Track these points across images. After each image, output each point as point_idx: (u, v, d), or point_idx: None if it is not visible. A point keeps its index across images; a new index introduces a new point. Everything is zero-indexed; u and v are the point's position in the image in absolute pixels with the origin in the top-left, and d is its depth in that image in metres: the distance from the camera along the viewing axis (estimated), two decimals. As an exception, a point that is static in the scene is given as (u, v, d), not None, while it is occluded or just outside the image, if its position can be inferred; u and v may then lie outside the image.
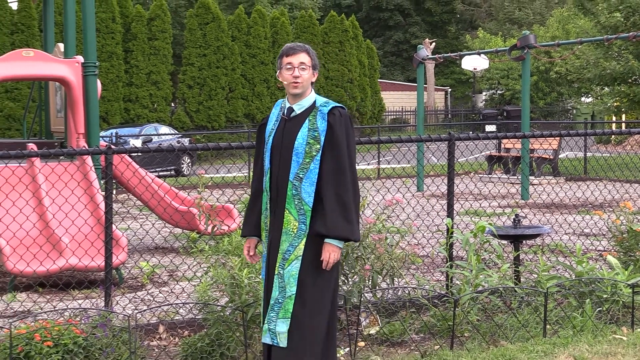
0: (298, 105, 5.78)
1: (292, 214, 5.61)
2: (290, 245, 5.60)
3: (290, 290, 5.57)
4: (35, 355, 6.74)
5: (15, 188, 10.94)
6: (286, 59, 5.77)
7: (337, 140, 5.64)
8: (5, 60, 12.28)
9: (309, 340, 5.58)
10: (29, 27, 33.10)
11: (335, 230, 5.52)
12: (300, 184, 5.60)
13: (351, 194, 5.61)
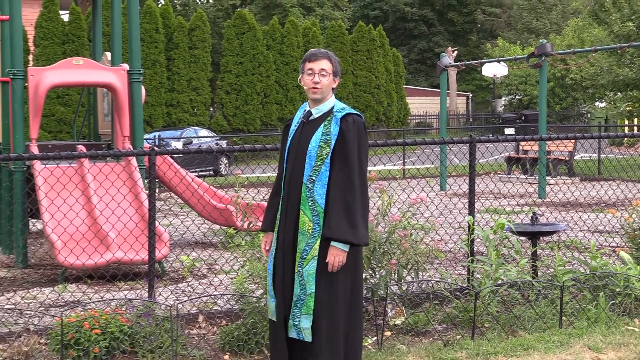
0: (316, 110, 5.75)
1: (306, 215, 5.58)
2: (307, 245, 5.57)
3: (310, 288, 5.55)
4: (84, 342, 6.78)
5: (66, 187, 11.01)
6: (308, 64, 5.74)
7: (347, 146, 5.59)
8: (57, 68, 12.35)
9: (330, 335, 5.55)
10: (79, 37, 33.27)
11: (339, 234, 5.47)
12: (313, 186, 5.57)
13: (358, 199, 5.56)
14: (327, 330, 5.56)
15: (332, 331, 5.57)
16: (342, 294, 5.60)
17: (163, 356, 6.90)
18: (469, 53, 66.80)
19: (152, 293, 8.20)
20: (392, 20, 67.89)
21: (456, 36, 69.62)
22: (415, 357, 6.84)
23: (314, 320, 5.55)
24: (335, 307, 5.58)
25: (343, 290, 5.61)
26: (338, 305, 5.59)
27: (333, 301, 5.57)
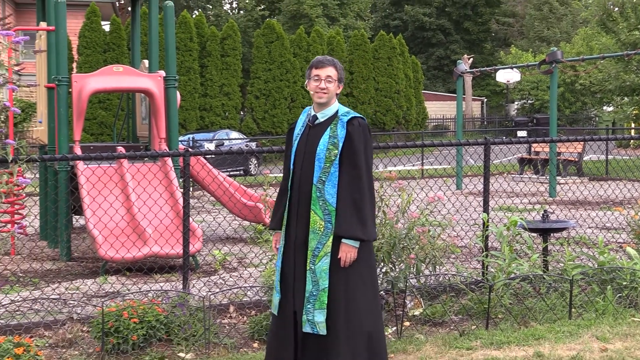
0: (322, 114, 5.70)
1: (317, 214, 5.53)
2: (319, 242, 5.52)
3: (323, 283, 5.49)
4: (123, 330, 6.81)
5: (106, 185, 11.07)
6: (315, 70, 5.69)
7: (354, 148, 5.55)
8: (99, 75, 12.41)
9: (349, 332, 5.49)
10: (119, 46, 33.44)
11: (349, 232, 5.44)
12: (323, 187, 5.52)
13: (367, 198, 5.53)
14: (346, 327, 5.49)
15: (351, 329, 5.50)
16: (360, 289, 5.55)
17: (196, 344, 6.92)
18: (484, 60, 66.61)
19: (186, 285, 8.22)
20: (411, 30, 67.77)
21: (472, 44, 69.42)
22: (432, 346, 6.83)
23: (329, 316, 5.48)
24: (352, 300, 5.52)
25: (359, 285, 5.55)
26: (355, 298, 5.53)
27: (349, 294, 5.52)
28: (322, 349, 5.53)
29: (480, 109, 62.43)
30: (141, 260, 10.47)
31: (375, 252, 7.83)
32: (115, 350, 6.82)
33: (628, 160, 25.25)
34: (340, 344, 5.47)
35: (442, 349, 6.75)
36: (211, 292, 8.40)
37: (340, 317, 5.48)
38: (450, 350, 6.73)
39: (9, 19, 34.00)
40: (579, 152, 24.07)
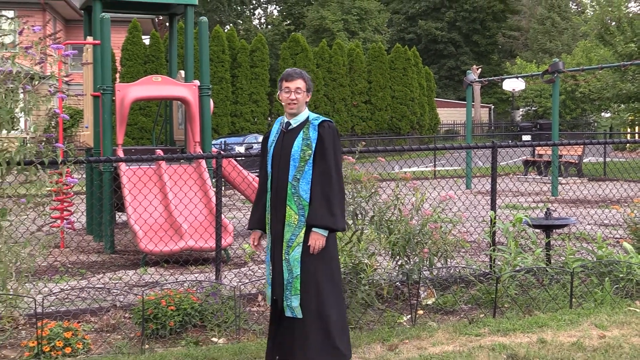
0: (294, 120, 5.72)
1: (292, 209, 5.54)
2: (293, 234, 5.54)
3: (296, 271, 5.52)
4: (161, 316, 6.84)
5: (146, 185, 11.10)
6: (285, 83, 5.72)
7: (325, 148, 5.57)
8: (140, 84, 12.47)
9: (314, 312, 5.51)
10: (158, 58, 33.57)
11: (319, 221, 5.46)
12: (298, 184, 5.53)
13: (336, 191, 5.54)
14: (317, 306, 5.53)
15: (322, 307, 5.54)
16: (327, 273, 5.58)
17: (228, 330, 6.93)
18: (491, 70, 66.37)
19: (218, 276, 8.24)
20: (424, 42, 67.60)
21: (480, 56, 69.18)
22: (444, 333, 6.81)
23: (302, 298, 5.52)
24: (322, 284, 5.55)
25: (327, 270, 5.59)
26: (325, 283, 5.56)
27: (318, 279, 5.54)
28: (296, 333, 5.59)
29: (488, 115, 62.18)
30: (177, 253, 10.51)
31: (392, 246, 7.83)
32: (154, 335, 6.85)
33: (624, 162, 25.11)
34: (314, 328, 5.52)
35: (452, 335, 6.73)
36: (241, 283, 8.42)
37: (313, 302, 5.52)
38: (460, 336, 6.71)
39: (60, 34, 34.20)
40: (579, 155, 23.96)
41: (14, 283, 6.66)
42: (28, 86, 6.50)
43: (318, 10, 57.31)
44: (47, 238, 7.40)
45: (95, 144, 12.67)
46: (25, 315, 7.07)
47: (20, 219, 6.98)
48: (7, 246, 6.58)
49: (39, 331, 6.35)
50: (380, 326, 7.11)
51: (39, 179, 6.76)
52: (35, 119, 7.12)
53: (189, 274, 9.99)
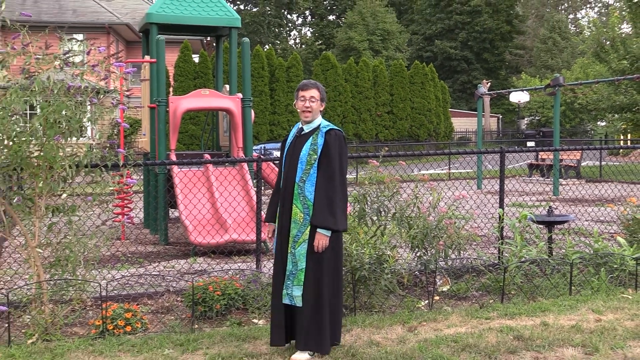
0: (307, 126, 5.68)
1: (298, 208, 5.51)
2: (299, 231, 5.51)
3: (301, 264, 5.50)
4: (209, 300, 6.87)
5: (195, 185, 11.16)
6: (301, 92, 5.67)
7: (330, 153, 5.50)
8: (190, 97, 12.53)
9: (314, 302, 5.50)
10: (206, 73, 33.72)
11: (322, 222, 5.41)
12: (304, 185, 5.49)
13: (339, 195, 5.46)
14: (314, 297, 5.49)
15: (317, 298, 5.50)
16: (327, 270, 5.53)
17: (267, 312, 6.94)
18: (499, 84, 65.96)
19: (259, 265, 8.26)
20: (440, 60, 67.31)
21: (489, 71, 68.77)
22: (457, 316, 6.77)
23: (305, 289, 5.50)
24: (321, 279, 5.51)
25: (327, 267, 5.53)
26: (323, 278, 5.52)
27: (319, 275, 5.51)
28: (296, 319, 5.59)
29: (496, 124, 61.76)
30: (223, 245, 10.55)
31: (411, 240, 7.81)
32: (202, 316, 6.88)
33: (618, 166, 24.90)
34: (309, 317, 5.50)
35: (465, 319, 6.70)
36: (279, 271, 8.42)
37: (311, 294, 5.49)
38: (472, 319, 6.68)
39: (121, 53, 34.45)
40: (577, 159, 23.76)
41: (82, 270, 6.72)
42: (94, 99, 6.56)
43: (346, 31, 57.30)
44: (110, 231, 7.46)
45: (152, 149, 12.76)
46: (92, 298, 7.14)
47: (87, 215, 7.04)
48: (76, 238, 6.65)
49: (103, 312, 6.40)
50: (401, 310, 7.09)
51: (103, 180, 6.82)
52: (100, 127, 7.18)
53: (232, 263, 10.03)
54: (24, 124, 6.28)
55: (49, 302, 6.49)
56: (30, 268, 6.61)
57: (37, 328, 6.28)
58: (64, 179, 6.40)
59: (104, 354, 5.76)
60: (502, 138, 54.95)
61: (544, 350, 5.78)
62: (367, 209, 7.86)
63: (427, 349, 5.77)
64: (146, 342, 6.01)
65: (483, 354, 5.68)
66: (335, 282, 5.63)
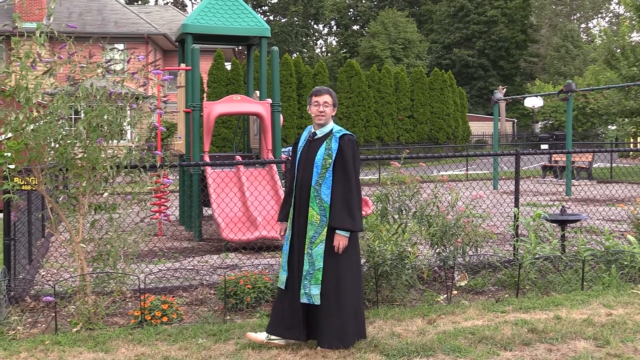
0: (320, 131, 5.60)
1: (315, 210, 5.43)
2: (315, 232, 5.43)
3: (319, 264, 5.41)
4: (240, 293, 6.88)
5: (227, 185, 11.19)
6: (314, 98, 5.59)
7: (345, 158, 5.43)
8: (223, 102, 12.57)
9: (335, 300, 5.42)
10: (237, 80, 33.83)
11: (341, 224, 5.34)
12: (320, 188, 5.41)
13: (355, 197, 5.40)
14: (336, 296, 5.41)
15: (340, 302, 5.43)
16: (346, 268, 5.47)
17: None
18: (515, 90, 65.51)
19: (287, 260, 8.25)
20: (458, 67, 66.98)
21: (505, 78, 68.30)
22: (474, 310, 6.73)
23: (324, 289, 5.41)
24: (342, 278, 5.43)
25: (347, 267, 5.47)
26: (344, 277, 5.44)
27: (339, 273, 5.43)
28: (318, 317, 5.48)
29: (512, 128, 61.33)
30: (253, 241, 10.57)
31: (431, 237, 7.78)
32: (234, 308, 6.89)
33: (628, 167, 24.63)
34: (331, 314, 5.42)
35: (482, 312, 6.65)
36: (306, 266, 8.42)
37: (332, 292, 5.42)
38: (488, 313, 6.63)
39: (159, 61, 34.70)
40: (589, 161, 23.54)
41: (122, 264, 6.77)
42: (134, 104, 6.60)
43: (369, 40, 57.24)
44: (148, 228, 7.51)
45: (187, 151, 12.82)
46: (131, 290, 7.18)
47: (127, 212, 7.09)
48: (116, 234, 6.69)
49: (142, 303, 6.44)
50: (421, 304, 7.06)
51: (142, 180, 6.86)
52: (139, 131, 7.24)
53: (262, 259, 10.04)
54: (69, 128, 6.35)
55: (92, 294, 6.54)
56: (75, 262, 6.68)
57: (81, 317, 6.33)
58: (106, 179, 6.45)
59: (142, 343, 5.79)
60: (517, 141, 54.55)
61: (557, 343, 5.73)
62: (389, 207, 7.84)
63: (446, 340, 5.74)
64: (181, 332, 6.04)
65: (499, 346, 5.64)
66: (356, 279, 5.57)
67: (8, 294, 6.90)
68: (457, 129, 40.64)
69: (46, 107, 6.22)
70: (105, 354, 5.53)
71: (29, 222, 9.33)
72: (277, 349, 5.57)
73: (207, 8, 12.67)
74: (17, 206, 6.46)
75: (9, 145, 6.07)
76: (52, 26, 6.34)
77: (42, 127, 6.08)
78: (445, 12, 69.13)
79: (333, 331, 5.44)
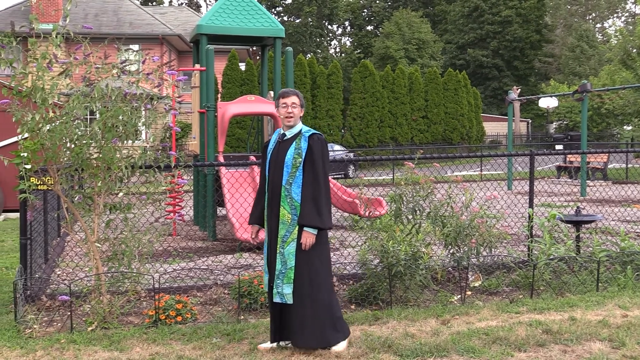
0: (289, 132, 5.58)
1: (286, 209, 5.41)
2: (287, 231, 5.41)
3: (290, 263, 5.40)
4: (254, 293, 6.88)
5: (242, 185, 11.21)
6: (282, 99, 5.59)
7: (314, 156, 5.42)
8: (237, 102, 12.60)
9: (308, 297, 5.39)
10: (251, 80, 33.90)
11: (309, 221, 5.31)
12: (290, 188, 5.40)
13: (323, 195, 5.37)
14: (310, 295, 5.39)
15: (314, 299, 5.40)
16: (318, 266, 5.43)
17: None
18: (529, 90, 65.21)
19: (301, 260, 8.25)
20: (472, 67, 66.75)
21: (520, 78, 67.99)
22: (488, 310, 6.71)
23: (296, 287, 5.39)
24: (314, 276, 5.41)
25: (318, 265, 5.43)
26: (316, 275, 5.42)
27: (311, 271, 5.41)
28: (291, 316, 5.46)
29: (526, 128, 61.06)
30: (267, 241, 10.56)
31: (445, 237, 7.76)
32: (248, 308, 6.90)
33: (644, 168, 24.44)
34: (305, 313, 5.40)
35: (496, 313, 6.63)
36: (319, 266, 8.42)
37: (305, 290, 5.39)
38: (502, 313, 6.60)
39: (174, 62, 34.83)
40: (604, 162, 23.40)
41: (136, 263, 6.80)
42: (148, 105, 6.63)
43: (383, 41, 57.18)
44: (162, 228, 7.53)
45: (201, 151, 12.86)
46: (145, 290, 7.21)
47: (142, 212, 7.12)
48: (131, 234, 6.72)
49: (156, 302, 6.47)
50: (435, 304, 7.05)
51: (156, 180, 6.89)
52: (153, 131, 7.25)
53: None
54: (84, 128, 6.38)
55: (107, 293, 6.57)
56: (90, 261, 6.71)
57: (96, 317, 6.37)
58: (121, 179, 6.48)
59: (156, 342, 5.81)
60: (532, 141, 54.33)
61: (572, 344, 5.70)
62: (403, 208, 7.83)
63: (460, 341, 5.72)
64: (195, 332, 6.05)
65: (513, 347, 5.62)
66: (326, 278, 5.53)
67: (24, 292, 6.95)
68: (471, 130, 40.53)
69: (62, 108, 6.26)
70: (120, 353, 5.56)
71: (45, 221, 9.39)
72: (291, 349, 5.57)
73: (222, 9, 12.70)
74: (34, 206, 6.50)
75: (26, 145, 6.12)
76: (68, 27, 6.37)
77: (58, 127, 6.12)
78: (459, 13, 68.94)
79: (307, 330, 5.42)
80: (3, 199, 16.04)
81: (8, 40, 6.07)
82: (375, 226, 7.59)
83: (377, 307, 6.98)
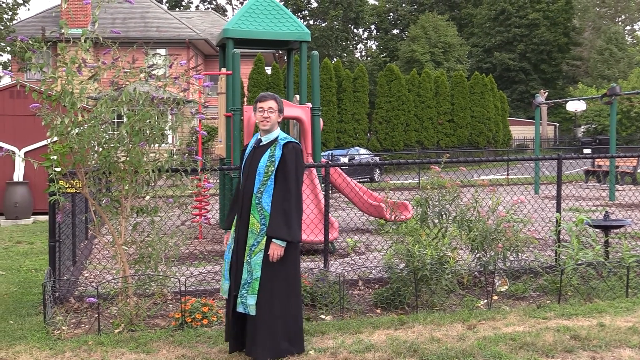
0: (265, 138, 5.46)
1: (255, 218, 5.30)
2: (255, 240, 5.30)
3: (256, 274, 5.27)
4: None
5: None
6: (259, 104, 5.48)
7: (287, 166, 5.29)
8: (262, 106, 12.61)
9: (266, 308, 5.26)
10: (277, 84, 33.99)
11: (277, 233, 5.17)
12: (261, 196, 5.28)
13: (294, 206, 5.23)
14: (270, 306, 5.26)
15: (273, 309, 5.26)
16: (282, 279, 5.30)
17: (334, 309, 6.94)
18: (556, 94, 64.67)
19: (326, 264, 8.27)
20: (499, 71, 66.36)
21: (547, 82, 67.45)
22: (515, 315, 6.65)
23: (259, 299, 5.26)
24: (276, 288, 5.28)
25: (283, 277, 5.30)
26: (279, 288, 5.28)
27: (274, 284, 5.28)
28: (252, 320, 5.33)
29: (553, 132, 60.54)
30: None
31: (471, 242, 7.70)
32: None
33: (674, 172, 24.13)
34: (263, 325, 5.27)
35: (523, 318, 6.57)
36: (345, 270, 8.42)
37: (266, 302, 5.27)
38: (529, 319, 6.55)
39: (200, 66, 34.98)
40: (634, 166, 23.13)
41: (163, 266, 6.84)
42: (175, 109, 6.68)
43: (409, 44, 57.04)
44: (188, 231, 7.58)
45: (227, 155, 12.91)
46: (172, 292, 7.26)
47: (168, 215, 7.17)
48: (158, 237, 6.77)
49: (182, 305, 6.50)
50: (461, 309, 7.01)
51: (183, 183, 6.93)
52: (180, 135, 7.31)
53: (302, 262, 10.06)
54: (112, 132, 6.44)
55: (134, 296, 6.62)
56: (117, 264, 6.77)
57: (123, 319, 6.42)
58: (148, 182, 6.52)
59: (182, 345, 5.84)
60: (559, 145, 53.84)
61: (601, 351, 5.63)
62: (429, 212, 7.80)
63: (486, 346, 5.68)
64: (221, 335, 6.07)
65: (540, 352, 5.56)
66: (291, 292, 5.39)
67: (53, 294, 7.03)
68: (497, 133, 40.27)
69: (90, 112, 6.33)
70: (147, 355, 5.59)
71: (73, 224, 9.48)
72: (315, 352, 5.57)
73: (248, 13, 12.75)
74: (63, 208, 6.57)
75: (55, 148, 6.19)
76: (96, 32, 6.44)
77: (86, 131, 6.19)
78: (486, 16, 68.59)
79: (260, 342, 5.27)
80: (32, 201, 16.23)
81: (39, 46, 6.15)
82: (401, 230, 7.57)
83: (402, 312, 6.96)
